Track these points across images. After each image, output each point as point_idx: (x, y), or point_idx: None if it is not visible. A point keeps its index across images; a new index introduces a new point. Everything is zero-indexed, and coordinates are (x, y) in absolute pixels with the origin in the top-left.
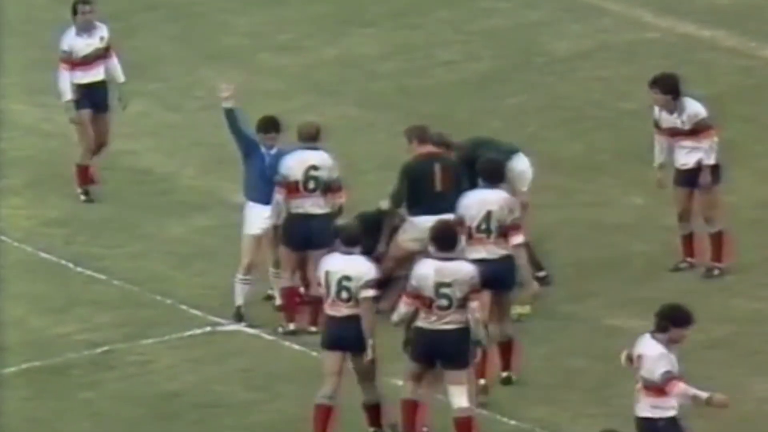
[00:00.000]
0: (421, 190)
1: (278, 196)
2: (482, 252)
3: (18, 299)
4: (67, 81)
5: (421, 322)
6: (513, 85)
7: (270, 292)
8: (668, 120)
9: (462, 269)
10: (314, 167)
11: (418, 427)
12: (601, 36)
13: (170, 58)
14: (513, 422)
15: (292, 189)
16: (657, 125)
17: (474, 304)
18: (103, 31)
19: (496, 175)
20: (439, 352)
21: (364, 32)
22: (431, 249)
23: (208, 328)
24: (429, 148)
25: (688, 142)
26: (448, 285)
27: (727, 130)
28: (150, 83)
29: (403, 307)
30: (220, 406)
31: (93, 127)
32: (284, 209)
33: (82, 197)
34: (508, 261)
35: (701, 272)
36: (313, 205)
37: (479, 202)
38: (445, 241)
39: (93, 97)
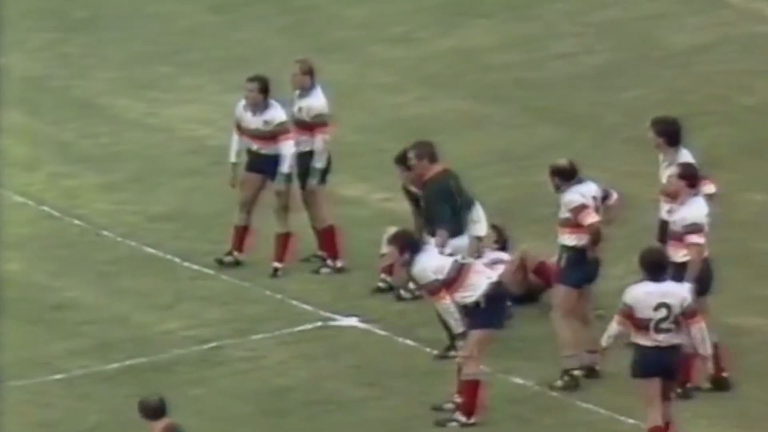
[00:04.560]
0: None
1: None
2: None
3: (123, 295)
4: (235, 142)
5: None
6: (630, 78)
7: (380, 284)
8: None
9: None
10: None
11: None
12: (721, 29)
13: (279, 51)
14: (631, 421)
15: None
16: None
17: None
18: (272, 114)
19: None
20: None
21: (479, 23)
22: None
23: (319, 323)
24: (441, 164)
25: None
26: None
27: None
28: None
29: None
30: (331, 403)
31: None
32: None
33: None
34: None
35: None
36: None
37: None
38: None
39: (261, 164)
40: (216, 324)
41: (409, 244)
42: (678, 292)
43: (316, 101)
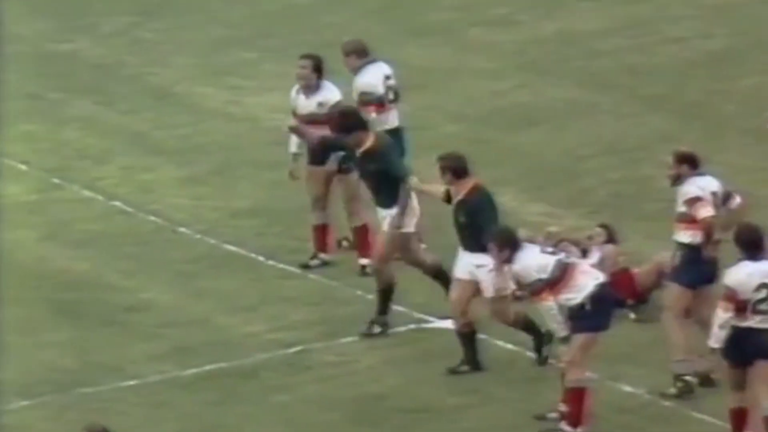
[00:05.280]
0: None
1: None
2: None
3: (202, 296)
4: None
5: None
6: (748, 65)
7: None
8: None
9: None
10: None
11: None
12: None
13: (372, 35)
14: None
15: None
16: None
17: None
18: (327, 95)
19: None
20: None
21: (585, 5)
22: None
23: (413, 326)
24: (472, 179)
25: None
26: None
27: None
28: None
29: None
30: (426, 411)
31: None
32: None
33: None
34: None
35: None
36: None
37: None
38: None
39: (322, 154)
40: (302, 326)
41: (509, 241)
42: None
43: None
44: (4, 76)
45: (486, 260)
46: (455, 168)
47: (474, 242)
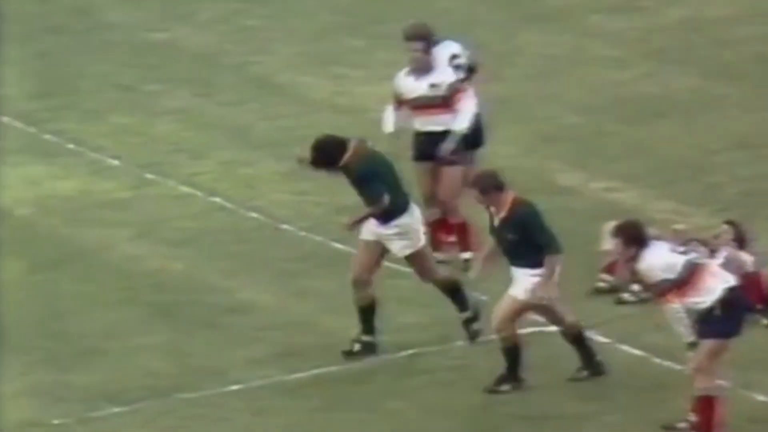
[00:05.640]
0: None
1: None
2: None
3: (307, 297)
4: (391, 113)
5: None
6: None
7: (600, 285)
8: None
9: None
10: None
11: None
12: None
13: (487, 21)
14: None
15: None
16: None
17: None
18: (440, 76)
19: None
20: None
21: None
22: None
23: (533, 329)
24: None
25: None
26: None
27: None
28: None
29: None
30: (547, 418)
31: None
32: None
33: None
34: None
35: None
36: None
37: None
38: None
39: (430, 147)
40: (416, 329)
41: (636, 238)
42: None
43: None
44: (94, 67)
45: (540, 272)
46: (491, 186)
47: (528, 258)
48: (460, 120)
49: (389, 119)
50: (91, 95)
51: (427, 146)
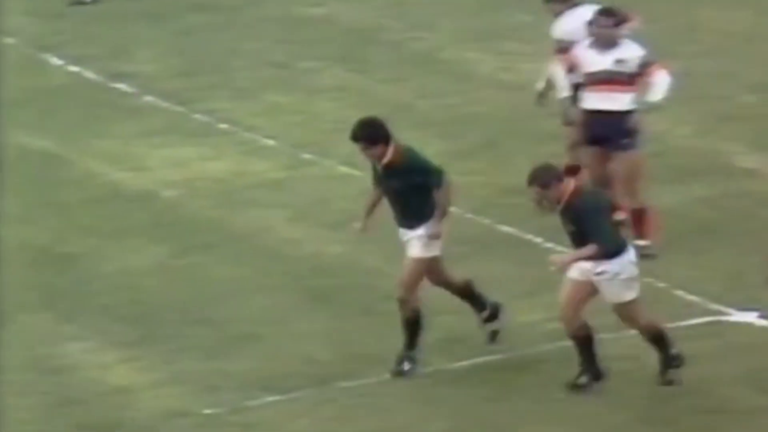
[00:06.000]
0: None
1: None
2: None
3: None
4: (564, 78)
5: None
6: None
7: None
8: None
9: None
10: None
11: None
12: None
13: None
14: None
15: None
16: None
17: None
18: (628, 51)
19: None
20: None
21: None
22: None
23: (709, 318)
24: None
25: None
26: None
27: None
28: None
29: None
30: (724, 411)
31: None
32: None
33: None
34: None
35: None
36: None
37: None
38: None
39: (604, 130)
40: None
41: None
42: None
43: None
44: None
45: (608, 267)
46: (551, 177)
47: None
48: (656, 91)
49: (563, 84)
50: (243, 73)
51: (601, 130)
